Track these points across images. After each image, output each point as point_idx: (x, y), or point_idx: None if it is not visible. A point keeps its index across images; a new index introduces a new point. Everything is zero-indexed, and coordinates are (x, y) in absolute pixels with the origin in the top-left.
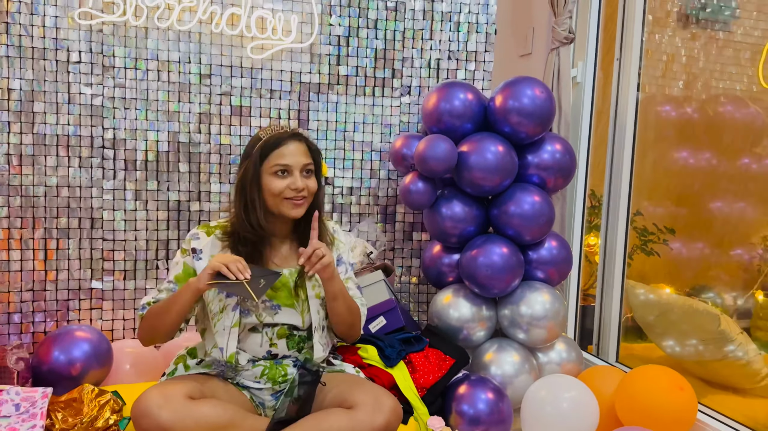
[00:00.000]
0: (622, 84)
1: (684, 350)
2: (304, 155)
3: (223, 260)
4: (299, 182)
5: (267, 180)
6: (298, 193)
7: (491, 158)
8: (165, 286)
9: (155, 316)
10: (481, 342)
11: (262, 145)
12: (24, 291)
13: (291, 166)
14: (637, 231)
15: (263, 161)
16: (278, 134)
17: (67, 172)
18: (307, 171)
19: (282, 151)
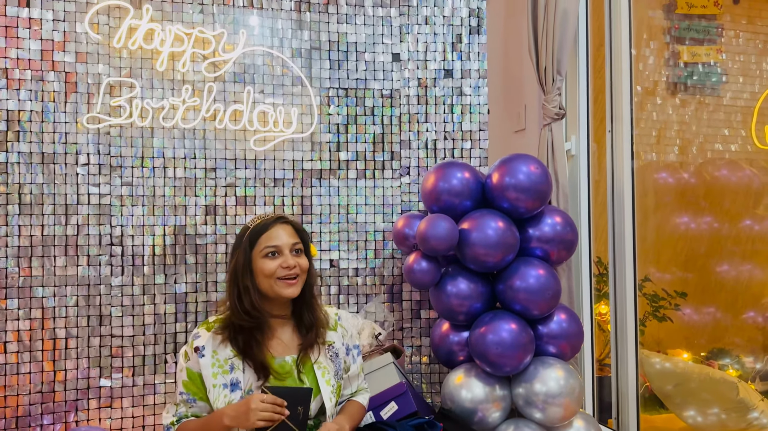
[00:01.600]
0: (616, 154)
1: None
2: (292, 236)
3: (251, 414)
4: (290, 260)
5: (259, 263)
6: (290, 270)
7: (492, 234)
8: (180, 398)
9: None
10: (497, 424)
11: (250, 232)
12: (33, 393)
13: (280, 247)
14: (647, 297)
15: (253, 246)
16: (265, 220)
17: (75, 270)
18: (297, 250)
19: (270, 234)
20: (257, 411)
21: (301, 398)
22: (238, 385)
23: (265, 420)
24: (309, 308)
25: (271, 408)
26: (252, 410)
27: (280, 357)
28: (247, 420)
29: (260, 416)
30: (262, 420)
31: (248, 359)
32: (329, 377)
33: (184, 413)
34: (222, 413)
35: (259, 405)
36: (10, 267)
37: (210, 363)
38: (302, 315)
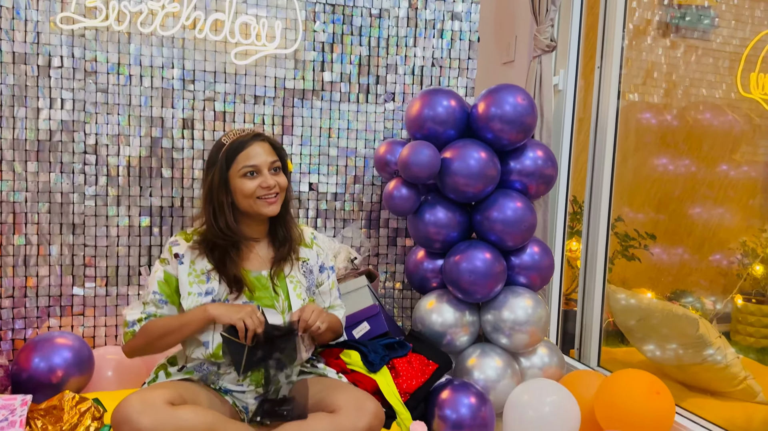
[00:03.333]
0: (602, 92)
1: (664, 354)
2: (270, 154)
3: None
4: (270, 180)
5: (237, 183)
6: (270, 190)
7: (474, 164)
8: (151, 298)
9: (157, 336)
10: (464, 347)
11: (226, 150)
12: (4, 298)
13: (259, 166)
14: (618, 236)
15: (230, 165)
16: (241, 137)
17: (48, 177)
18: (275, 168)
19: (248, 152)
20: (248, 314)
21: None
22: (212, 293)
23: (244, 326)
24: (284, 224)
25: (258, 324)
26: (245, 310)
27: (256, 272)
28: (236, 313)
29: (249, 319)
30: (244, 323)
31: (223, 273)
32: (300, 291)
33: (153, 313)
34: (207, 306)
35: (252, 312)
36: None
37: (187, 271)
38: (277, 231)
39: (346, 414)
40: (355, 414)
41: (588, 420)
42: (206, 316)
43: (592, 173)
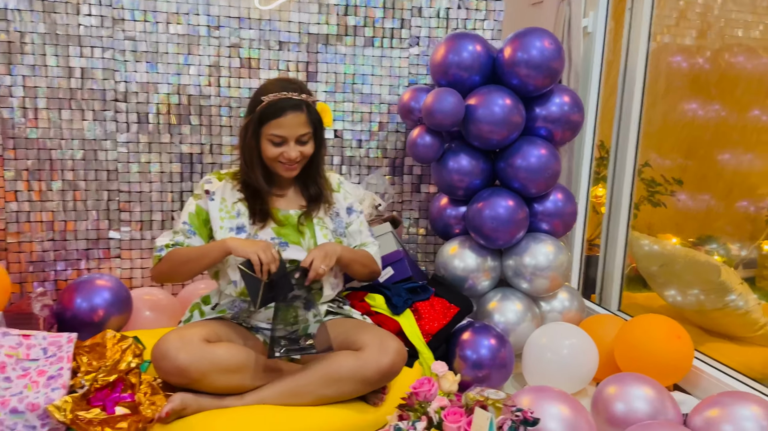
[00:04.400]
0: (632, 34)
1: (685, 299)
2: (302, 126)
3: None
4: (292, 152)
5: (264, 142)
6: (290, 161)
7: (498, 111)
8: (180, 227)
9: (180, 263)
10: (485, 291)
11: (262, 110)
12: (45, 241)
13: (286, 137)
14: (644, 182)
15: (262, 125)
16: (280, 102)
17: (81, 125)
18: (303, 141)
19: (280, 121)
20: (266, 249)
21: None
22: (243, 229)
23: (260, 261)
24: (314, 181)
25: (272, 260)
26: (263, 245)
27: (285, 211)
28: (252, 246)
29: (262, 253)
30: (260, 257)
31: (253, 207)
32: (326, 232)
33: (181, 241)
34: (227, 239)
35: (270, 248)
36: (17, 117)
37: (218, 207)
38: (308, 184)
39: (370, 352)
40: (378, 352)
41: (606, 362)
42: (224, 247)
43: (619, 118)
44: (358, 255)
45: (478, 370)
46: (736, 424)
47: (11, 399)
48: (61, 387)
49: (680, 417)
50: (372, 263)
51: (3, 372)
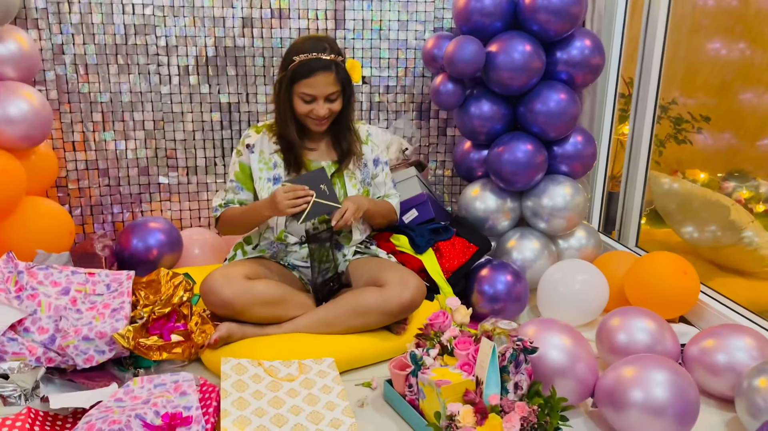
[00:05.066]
0: None
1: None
2: (331, 85)
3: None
4: (321, 110)
5: (295, 99)
6: (319, 117)
7: (518, 58)
8: (229, 185)
9: (235, 222)
10: (505, 231)
11: (294, 68)
12: (102, 186)
13: (316, 96)
14: (671, 120)
15: (293, 83)
16: (310, 63)
17: (128, 78)
18: (332, 99)
19: (310, 81)
20: (282, 201)
21: (317, 178)
22: (279, 180)
23: (293, 206)
24: (344, 136)
25: (293, 194)
26: (277, 201)
27: (317, 161)
28: (277, 209)
29: (285, 204)
30: (290, 207)
31: (288, 158)
32: (355, 182)
33: (231, 199)
34: (261, 205)
35: (281, 195)
36: (69, 73)
37: (258, 159)
38: (339, 139)
39: (392, 288)
40: (399, 288)
41: (617, 296)
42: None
43: (642, 57)
44: (380, 207)
45: (494, 303)
46: (729, 354)
47: (83, 328)
48: (124, 318)
49: (678, 347)
50: (392, 214)
51: (74, 305)
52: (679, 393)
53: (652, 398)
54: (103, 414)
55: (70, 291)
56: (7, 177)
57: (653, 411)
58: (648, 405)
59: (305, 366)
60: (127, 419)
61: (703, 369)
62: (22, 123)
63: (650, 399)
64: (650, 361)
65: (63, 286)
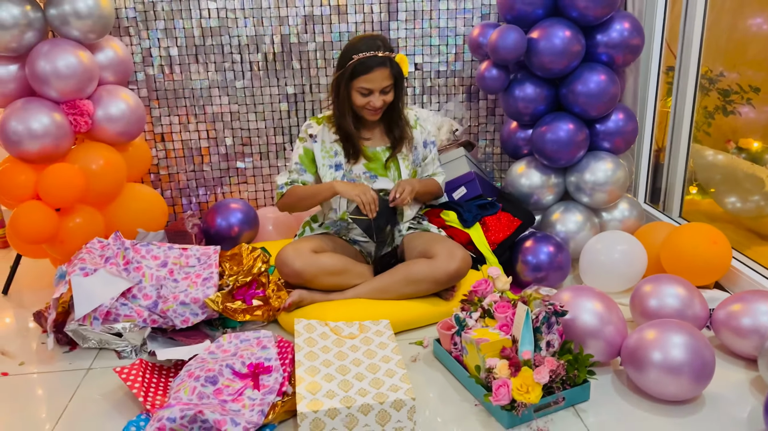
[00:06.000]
0: None
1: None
2: (387, 79)
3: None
4: (377, 102)
5: (353, 92)
6: (374, 108)
7: (559, 43)
8: (294, 167)
9: (297, 199)
10: (550, 205)
11: (354, 65)
12: (188, 171)
13: (373, 89)
14: (719, 92)
15: (353, 78)
16: (368, 60)
17: (206, 75)
18: (386, 91)
19: (369, 77)
20: (365, 192)
21: (388, 217)
22: (340, 166)
23: (363, 202)
24: (396, 124)
25: (370, 200)
26: (362, 188)
27: (372, 147)
28: (354, 190)
29: (363, 196)
30: (361, 200)
31: (347, 145)
32: (408, 164)
33: (295, 179)
34: (334, 183)
35: (369, 190)
36: (157, 73)
37: (320, 148)
38: (392, 127)
39: (441, 259)
40: (447, 259)
41: (655, 265)
42: (332, 190)
43: (683, 34)
44: (428, 187)
45: (537, 272)
46: (754, 317)
47: (180, 295)
48: (213, 286)
49: (707, 312)
50: (438, 190)
51: (172, 276)
52: (695, 354)
53: (669, 358)
54: (200, 364)
55: (168, 263)
56: (111, 168)
57: (670, 370)
58: (666, 365)
59: (365, 327)
60: (219, 367)
61: (729, 332)
62: (121, 121)
63: (668, 360)
64: (670, 325)
65: (162, 260)
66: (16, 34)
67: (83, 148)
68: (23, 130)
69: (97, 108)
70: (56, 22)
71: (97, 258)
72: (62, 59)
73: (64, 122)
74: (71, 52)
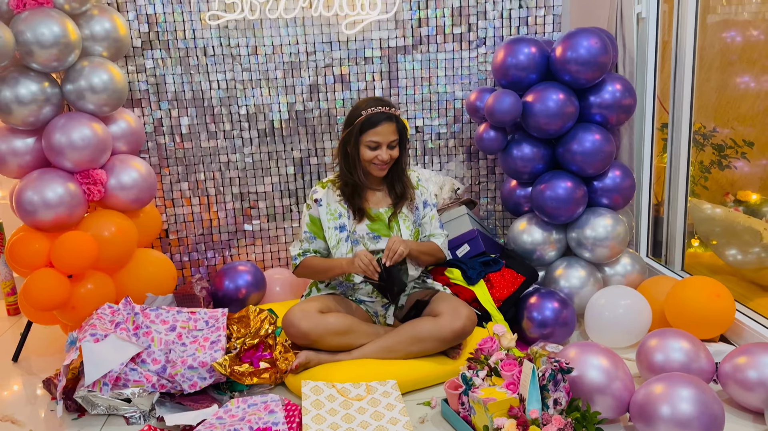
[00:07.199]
0: (681, 16)
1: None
2: (393, 133)
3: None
4: (385, 155)
5: (362, 147)
6: (382, 162)
7: (553, 105)
8: (303, 236)
9: (313, 273)
10: (552, 261)
11: (362, 121)
12: (197, 235)
13: (381, 143)
14: (714, 147)
15: (361, 134)
16: (376, 115)
17: (216, 143)
18: (393, 146)
19: (377, 130)
20: (357, 259)
21: (395, 277)
22: (344, 227)
23: (363, 270)
24: (399, 179)
25: (367, 262)
26: (355, 256)
27: (375, 208)
28: (351, 266)
29: (357, 263)
30: (362, 268)
31: (350, 206)
32: (408, 224)
33: (307, 248)
34: (341, 260)
35: (362, 257)
36: (167, 142)
37: (325, 211)
38: (394, 183)
39: (446, 317)
40: (452, 317)
41: (660, 319)
42: (342, 269)
43: (673, 93)
44: (424, 247)
45: (543, 329)
46: (760, 370)
47: (188, 359)
48: (221, 349)
49: (713, 365)
50: (437, 252)
51: (180, 340)
52: (705, 407)
53: (678, 413)
54: (209, 429)
55: (176, 327)
56: (123, 235)
57: (680, 424)
58: (675, 420)
59: (372, 388)
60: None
61: (736, 385)
62: (133, 189)
63: (677, 414)
64: (677, 379)
65: (170, 324)
66: (34, 109)
67: (96, 216)
68: (38, 200)
69: (110, 177)
70: (72, 96)
71: (107, 324)
72: (77, 132)
73: (78, 191)
74: (86, 125)
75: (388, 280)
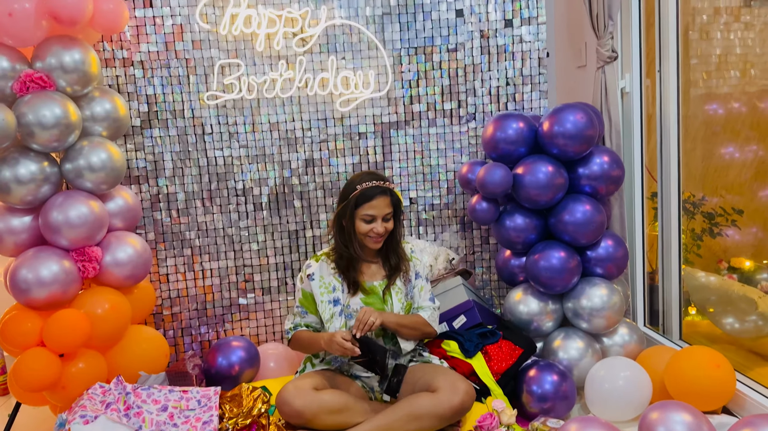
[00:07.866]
0: (663, 93)
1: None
2: (387, 206)
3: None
4: (380, 228)
5: (357, 220)
6: (377, 235)
7: (543, 177)
8: (296, 311)
9: (302, 346)
10: (550, 332)
11: (357, 195)
12: (191, 310)
13: (376, 216)
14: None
15: (357, 208)
16: (371, 189)
17: (212, 218)
18: (387, 219)
19: (372, 203)
20: (333, 343)
21: (377, 350)
22: (338, 301)
23: (340, 353)
24: (394, 251)
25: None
26: (332, 341)
27: (370, 282)
28: (329, 347)
29: (333, 348)
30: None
31: (345, 278)
32: (401, 296)
33: (299, 323)
34: (321, 337)
35: (337, 339)
36: (164, 218)
37: (318, 285)
38: (389, 256)
39: (444, 393)
40: (450, 393)
41: (661, 391)
42: (320, 347)
43: (660, 165)
44: (405, 320)
45: (543, 403)
46: None
47: None
48: (213, 430)
49: None
50: (422, 326)
51: (172, 420)
52: None
53: None
54: None
55: (168, 407)
56: (116, 312)
57: None
58: None
59: None
60: None
61: None
62: (128, 265)
63: None
64: None
65: (162, 404)
66: (33, 189)
67: (89, 293)
68: (33, 278)
69: (106, 253)
70: (71, 175)
71: (98, 404)
72: (74, 209)
73: (72, 269)
74: (83, 203)
75: (368, 353)
